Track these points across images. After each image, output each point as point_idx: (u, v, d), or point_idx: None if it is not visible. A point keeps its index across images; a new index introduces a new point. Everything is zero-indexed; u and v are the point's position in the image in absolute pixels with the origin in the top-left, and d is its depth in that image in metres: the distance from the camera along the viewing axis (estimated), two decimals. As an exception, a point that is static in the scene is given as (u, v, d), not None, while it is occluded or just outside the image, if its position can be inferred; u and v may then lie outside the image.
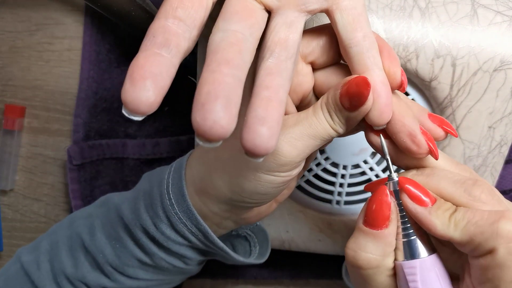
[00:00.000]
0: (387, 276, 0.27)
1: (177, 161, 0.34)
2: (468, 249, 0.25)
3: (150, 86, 0.21)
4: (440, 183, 0.27)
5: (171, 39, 0.23)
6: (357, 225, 0.28)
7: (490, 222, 0.24)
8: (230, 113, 0.21)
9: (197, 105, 0.21)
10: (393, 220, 0.27)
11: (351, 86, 0.26)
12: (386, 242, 0.27)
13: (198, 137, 0.21)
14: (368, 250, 0.27)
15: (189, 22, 0.24)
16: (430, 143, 0.28)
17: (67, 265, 0.35)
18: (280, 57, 0.25)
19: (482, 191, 0.26)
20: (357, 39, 0.27)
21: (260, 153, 0.22)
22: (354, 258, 0.27)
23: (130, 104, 0.21)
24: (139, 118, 0.22)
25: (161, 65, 0.22)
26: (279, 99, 0.23)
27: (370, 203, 0.27)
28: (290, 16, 0.26)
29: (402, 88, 0.29)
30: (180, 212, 0.32)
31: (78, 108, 0.47)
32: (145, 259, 0.34)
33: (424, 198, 0.27)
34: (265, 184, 0.29)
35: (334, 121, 0.28)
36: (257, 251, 0.40)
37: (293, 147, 0.28)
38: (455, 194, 0.27)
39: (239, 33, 0.24)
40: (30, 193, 0.50)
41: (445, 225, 0.26)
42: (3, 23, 0.47)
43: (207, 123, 0.21)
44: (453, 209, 0.26)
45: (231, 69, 0.22)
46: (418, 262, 0.26)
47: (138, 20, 0.42)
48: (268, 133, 0.22)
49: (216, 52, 0.23)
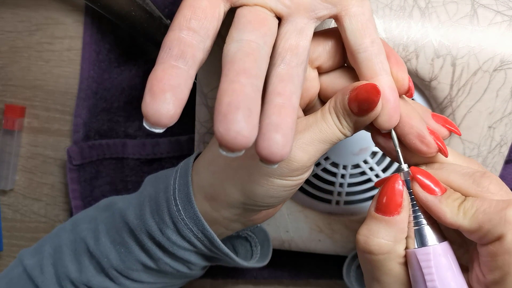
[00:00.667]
0: (397, 263, 0.28)
1: (181, 166, 0.34)
2: (477, 236, 0.26)
3: (170, 99, 0.22)
4: (449, 175, 0.28)
5: (187, 51, 0.23)
6: (369, 213, 0.28)
7: (498, 209, 0.25)
8: (252, 122, 0.22)
9: (218, 115, 0.21)
10: (405, 207, 0.27)
11: (360, 92, 0.27)
12: (398, 228, 0.27)
13: (221, 147, 0.22)
14: (380, 235, 0.27)
15: (203, 32, 0.24)
16: (439, 142, 0.28)
17: (72, 269, 0.35)
18: (291, 64, 0.25)
19: (490, 182, 0.27)
20: (365, 45, 0.27)
21: (276, 159, 0.22)
22: (366, 243, 0.27)
23: (152, 117, 0.21)
24: (160, 131, 0.22)
25: (179, 77, 0.22)
26: (292, 106, 0.24)
27: (382, 190, 0.28)
28: (300, 23, 0.27)
29: (410, 93, 0.29)
30: (186, 218, 0.32)
31: (78, 108, 0.47)
32: (150, 263, 0.34)
33: (435, 188, 0.27)
34: (277, 188, 0.30)
35: (343, 125, 0.28)
36: (259, 252, 0.40)
37: (305, 152, 0.28)
38: (464, 185, 0.27)
39: (253, 42, 0.24)
40: (30, 193, 0.50)
41: (454, 213, 0.26)
42: (3, 23, 0.47)
43: (230, 133, 0.21)
44: (462, 199, 0.27)
45: (249, 79, 0.23)
46: (432, 248, 0.27)
47: (138, 20, 0.42)
48: (283, 140, 0.22)
49: (233, 62, 0.23)
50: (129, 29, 0.43)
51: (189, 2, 0.25)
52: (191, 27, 0.24)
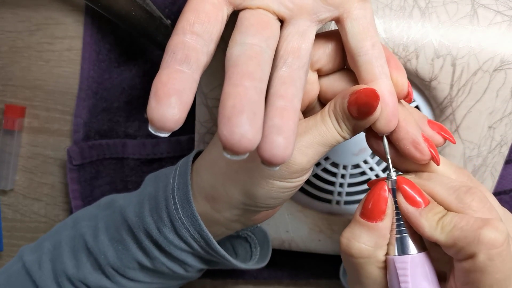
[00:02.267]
0: (377, 267, 0.28)
1: (181, 165, 0.34)
2: (452, 252, 0.26)
3: (175, 103, 0.22)
4: (435, 187, 0.28)
5: (191, 55, 0.23)
6: (354, 217, 0.29)
7: (475, 228, 0.25)
8: (256, 125, 0.22)
9: (223, 119, 0.21)
10: (388, 214, 0.28)
11: (360, 96, 0.27)
12: (379, 235, 0.28)
13: (225, 150, 0.22)
14: (361, 240, 0.28)
15: (207, 36, 0.24)
16: (432, 149, 0.28)
17: (69, 265, 0.35)
18: (293, 66, 0.25)
19: (473, 198, 0.27)
20: (366, 48, 0.27)
21: (278, 162, 0.23)
22: (348, 247, 0.28)
23: (157, 121, 0.21)
24: (166, 135, 0.22)
25: (184, 81, 0.22)
26: (294, 108, 0.24)
27: (368, 196, 0.29)
28: (302, 26, 0.27)
29: (408, 98, 0.29)
30: (184, 217, 0.32)
31: (78, 108, 0.47)
32: (146, 262, 0.34)
33: (418, 199, 0.28)
34: (277, 189, 0.30)
35: (342, 129, 0.28)
36: (258, 252, 0.40)
37: (304, 155, 0.28)
38: (448, 199, 0.27)
39: (256, 46, 0.24)
40: (30, 193, 0.50)
41: (432, 228, 0.27)
42: (3, 23, 0.47)
43: (234, 137, 0.21)
44: (443, 213, 0.27)
45: (253, 82, 0.23)
46: (410, 258, 0.27)
47: (138, 20, 0.42)
48: (284, 142, 0.23)
49: (237, 66, 0.23)
50: (129, 29, 0.43)
51: (193, 5, 0.25)
52: (194, 31, 0.24)
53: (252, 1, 0.26)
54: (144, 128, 0.48)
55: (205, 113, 0.38)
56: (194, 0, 0.25)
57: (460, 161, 0.38)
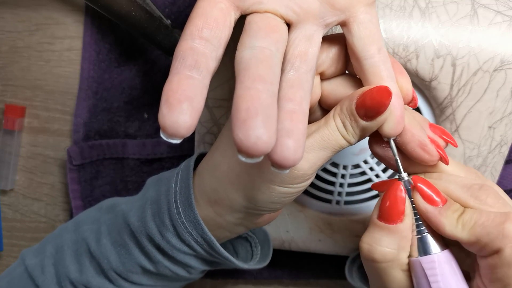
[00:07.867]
0: (401, 270, 0.28)
1: (182, 169, 0.34)
2: (475, 249, 0.26)
3: (187, 109, 0.22)
4: (449, 186, 0.28)
5: (200, 60, 0.23)
6: (372, 220, 0.28)
7: (497, 223, 0.25)
8: (271, 128, 0.22)
9: (237, 122, 0.21)
10: (407, 214, 0.28)
11: (372, 94, 0.27)
12: (401, 236, 0.27)
13: (240, 153, 0.21)
14: (383, 244, 0.27)
15: (215, 42, 0.24)
16: (440, 150, 0.28)
17: (72, 269, 0.35)
18: (300, 70, 0.26)
19: (487, 195, 0.27)
20: (372, 52, 0.27)
21: (288, 165, 0.23)
22: (370, 252, 0.28)
23: (170, 128, 0.21)
24: (178, 141, 0.22)
25: (194, 87, 0.22)
26: (303, 111, 0.24)
27: (384, 198, 0.28)
28: (309, 30, 0.27)
29: (413, 103, 0.30)
30: (186, 221, 0.32)
31: (78, 108, 0.47)
32: (149, 266, 0.34)
33: (436, 198, 0.27)
34: (279, 195, 0.30)
35: (348, 131, 0.28)
36: (259, 252, 0.40)
37: (305, 160, 0.28)
38: (463, 197, 0.27)
39: (266, 49, 0.24)
40: (30, 193, 0.50)
41: (453, 226, 0.26)
42: (3, 23, 0.47)
43: (250, 139, 0.21)
44: (461, 210, 0.27)
45: (265, 85, 0.23)
46: (436, 257, 0.27)
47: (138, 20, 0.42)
48: (295, 145, 0.23)
49: (248, 69, 0.23)
50: (129, 29, 0.43)
51: (200, 10, 0.25)
52: (203, 36, 0.24)
53: (259, 6, 0.26)
54: (144, 128, 0.48)
55: (205, 113, 0.38)
56: (202, 5, 0.25)
57: (460, 161, 0.38)
